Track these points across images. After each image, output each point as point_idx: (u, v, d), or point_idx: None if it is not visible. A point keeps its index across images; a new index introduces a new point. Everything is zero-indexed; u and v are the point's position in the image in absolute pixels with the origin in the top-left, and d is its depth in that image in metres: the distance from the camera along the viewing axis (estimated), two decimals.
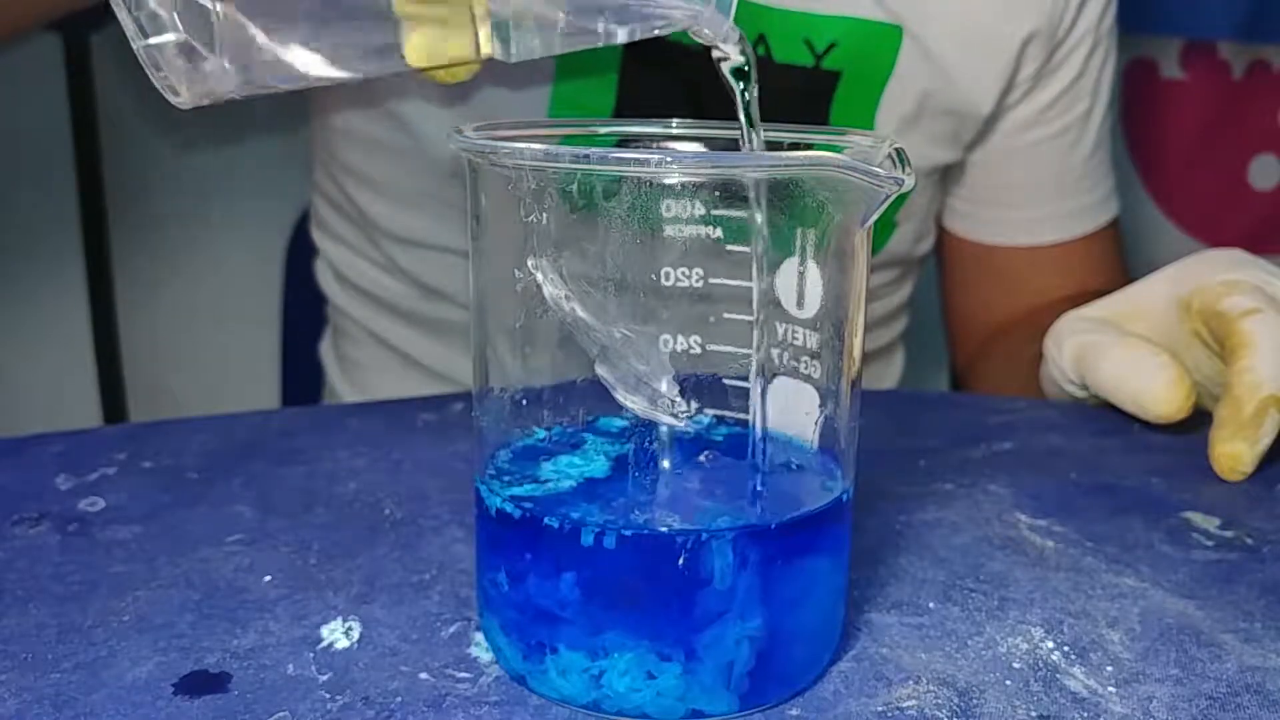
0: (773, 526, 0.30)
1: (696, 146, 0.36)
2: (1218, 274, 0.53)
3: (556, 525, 0.30)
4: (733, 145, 0.36)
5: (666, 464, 0.33)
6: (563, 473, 0.33)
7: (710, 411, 0.34)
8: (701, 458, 0.33)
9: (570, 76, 0.65)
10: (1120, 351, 0.54)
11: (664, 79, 0.66)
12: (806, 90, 0.67)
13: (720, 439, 0.34)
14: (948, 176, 0.77)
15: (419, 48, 0.32)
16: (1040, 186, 0.77)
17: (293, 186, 1.00)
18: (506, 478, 0.33)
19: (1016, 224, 0.78)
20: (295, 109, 0.86)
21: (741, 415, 0.33)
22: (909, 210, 0.74)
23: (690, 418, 0.33)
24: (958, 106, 0.70)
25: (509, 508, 0.31)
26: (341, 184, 0.75)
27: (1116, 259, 0.81)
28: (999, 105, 0.72)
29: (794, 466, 0.33)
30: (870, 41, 0.66)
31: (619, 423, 0.34)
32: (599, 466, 0.33)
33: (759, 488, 0.33)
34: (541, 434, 0.34)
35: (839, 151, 0.31)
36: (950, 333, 0.86)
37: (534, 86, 0.66)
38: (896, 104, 0.68)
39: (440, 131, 0.68)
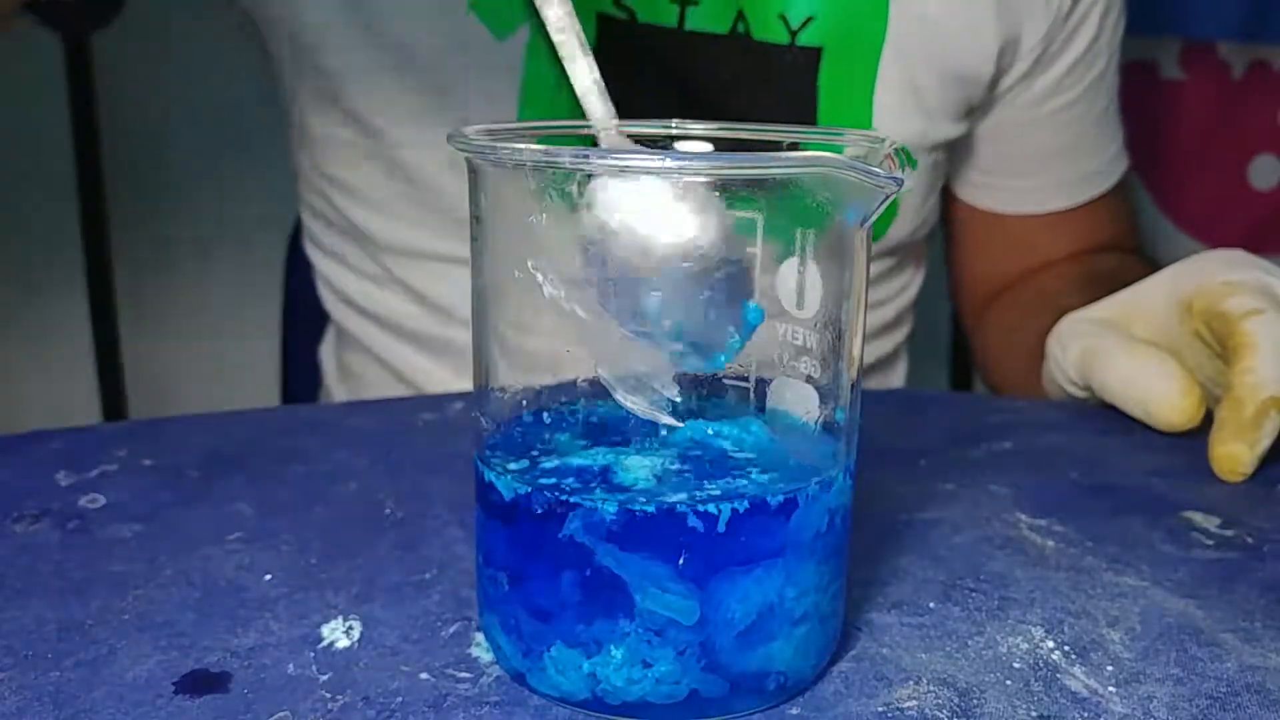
0: (771, 520, 0.30)
1: (697, 146, 0.36)
2: (1219, 275, 0.53)
3: (548, 500, 0.31)
4: (734, 145, 0.36)
5: (663, 450, 0.33)
6: (563, 453, 0.33)
7: (710, 410, 0.34)
8: (699, 445, 0.33)
9: (540, 59, 0.62)
10: (1127, 359, 0.54)
11: (641, 63, 0.62)
12: (786, 71, 0.63)
13: (718, 429, 0.34)
14: (956, 153, 0.74)
15: None
16: (1057, 154, 0.75)
17: (294, 185, 0.99)
18: (508, 455, 0.33)
19: (1032, 192, 0.76)
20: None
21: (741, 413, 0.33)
22: (909, 195, 0.72)
23: (689, 416, 0.33)
24: (961, 71, 0.67)
25: (506, 482, 0.32)
26: (329, 196, 0.73)
27: (1127, 212, 0.80)
28: (999, 66, 0.68)
29: (793, 462, 0.33)
30: (853, 11, 0.63)
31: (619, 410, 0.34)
32: (601, 450, 0.33)
33: (756, 478, 0.33)
34: (544, 416, 0.34)
35: (838, 151, 0.31)
36: (955, 289, 0.84)
37: (503, 73, 0.63)
38: (896, 78, 0.65)
39: (415, 138, 0.67)
